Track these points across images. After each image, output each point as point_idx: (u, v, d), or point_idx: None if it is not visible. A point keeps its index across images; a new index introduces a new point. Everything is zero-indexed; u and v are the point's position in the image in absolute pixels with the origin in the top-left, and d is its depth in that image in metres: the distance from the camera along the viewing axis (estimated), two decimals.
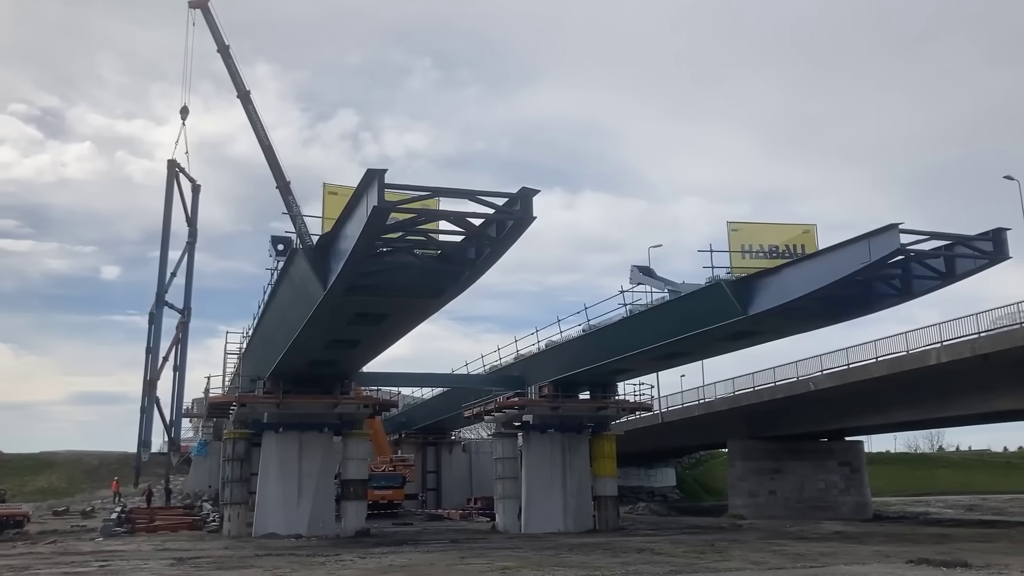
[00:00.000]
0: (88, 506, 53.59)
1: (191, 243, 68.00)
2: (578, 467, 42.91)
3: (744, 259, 28.55)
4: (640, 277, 32.26)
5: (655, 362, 37.90)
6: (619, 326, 34.59)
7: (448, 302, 25.07)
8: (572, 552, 28.30)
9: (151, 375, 59.80)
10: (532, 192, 18.76)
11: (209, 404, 39.74)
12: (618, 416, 44.97)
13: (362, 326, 27.63)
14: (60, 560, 27.28)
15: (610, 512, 43.32)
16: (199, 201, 68.43)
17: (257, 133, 61.58)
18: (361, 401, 39.81)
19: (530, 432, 42.57)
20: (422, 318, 27.61)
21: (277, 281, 28.67)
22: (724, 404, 51.19)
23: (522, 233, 19.66)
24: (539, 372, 42.47)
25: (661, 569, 21.27)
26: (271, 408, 37.71)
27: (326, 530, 37.75)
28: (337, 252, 22.91)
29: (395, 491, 54.41)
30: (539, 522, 40.84)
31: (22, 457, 65.56)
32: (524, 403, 42.21)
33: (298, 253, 24.88)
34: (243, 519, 38.63)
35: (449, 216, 19.15)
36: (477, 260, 21.70)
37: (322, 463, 38.90)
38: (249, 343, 39.05)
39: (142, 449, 59.45)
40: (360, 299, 24.26)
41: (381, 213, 17.95)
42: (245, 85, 62.07)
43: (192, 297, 66.84)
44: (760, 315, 27.57)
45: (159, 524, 42.67)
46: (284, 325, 30.58)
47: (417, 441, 66.61)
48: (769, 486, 52.27)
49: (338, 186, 23.58)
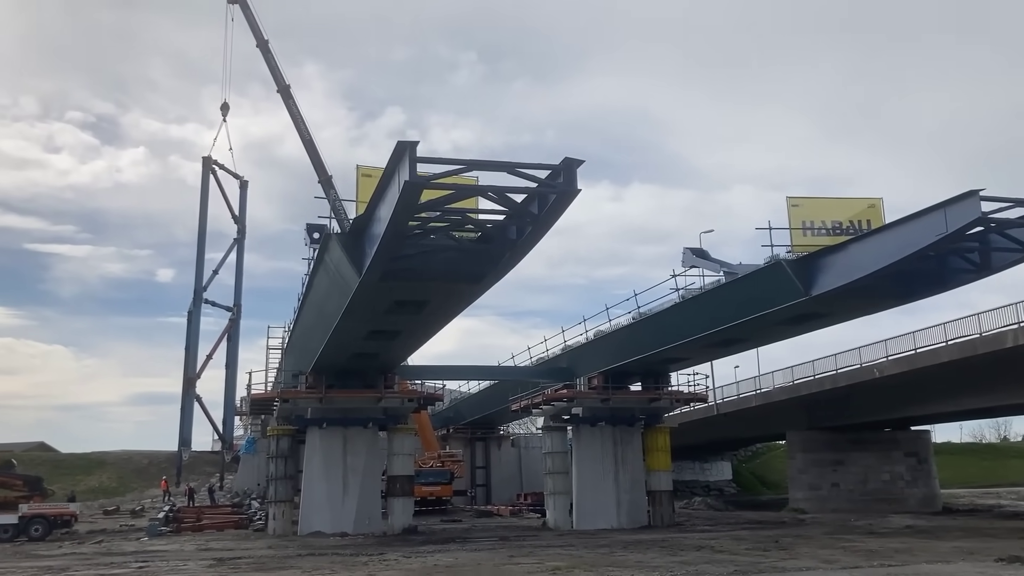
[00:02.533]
0: (138, 505, 53.56)
1: (239, 239, 68.10)
2: (631, 461, 41.34)
3: (805, 236, 26.77)
4: (693, 260, 30.56)
5: (710, 349, 36.11)
6: (672, 312, 32.96)
7: (489, 287, 23.72)
8: (627, 550, 26.83)
9: (190, 373, 59.69)
10: (576, 163, 17.31)
11: (251, 400, 39.05)
12: (671, 408, 43.28)
13: (401, 315, 26.46)
14: (100, 561, 26.70)
15: (665, 507, 41.68)
16: (247, 197, 68.66)
17: (298, 127, 61.29)
18: (405, 395, 38.77)
19: (580, 425, 41.13)
20: (463, 305, 26.32)
21: (313, 270, 27.67)
22: (783, 394, 49.08)
23: (566, 208, 18.22)
24: (588, 363, 40.99)
25: (724, 569, 19.70)
26: (314, 403, 36.86)
27: (372, 528, 36.83)
28: (371, 236, 21.74)
29: (443, 487, 53.35)
30: (591, 518, 39.42)
31: (75, 457, 65.95)
32: (573, 395, 40.76)
33: (332, 239, 23.76)
34: (288, 517, 37.87)
35: (487, 191, 17.78)
36: (518, 240, 20.30)
37: (367, 459, 37.96)
38: (290, 337, 38.27)
39: (182, 448, 59.44)
40: (397, 285, 23.06)
41: (413, 188, 16.68)
42: (285, 80, 61.90)
43: (243, 296, 67.14)
44: (824, 296, 25.73)
45: (205, 523, 42.25)
46: (322, 316, 29.59)
47: (465, 436, 65.49)
48: (831, 478, 50.08)
49: (372, 168, 22.35)
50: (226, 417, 66.58)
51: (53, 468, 60.50)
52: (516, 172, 17.24)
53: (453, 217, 19.92)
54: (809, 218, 26.83)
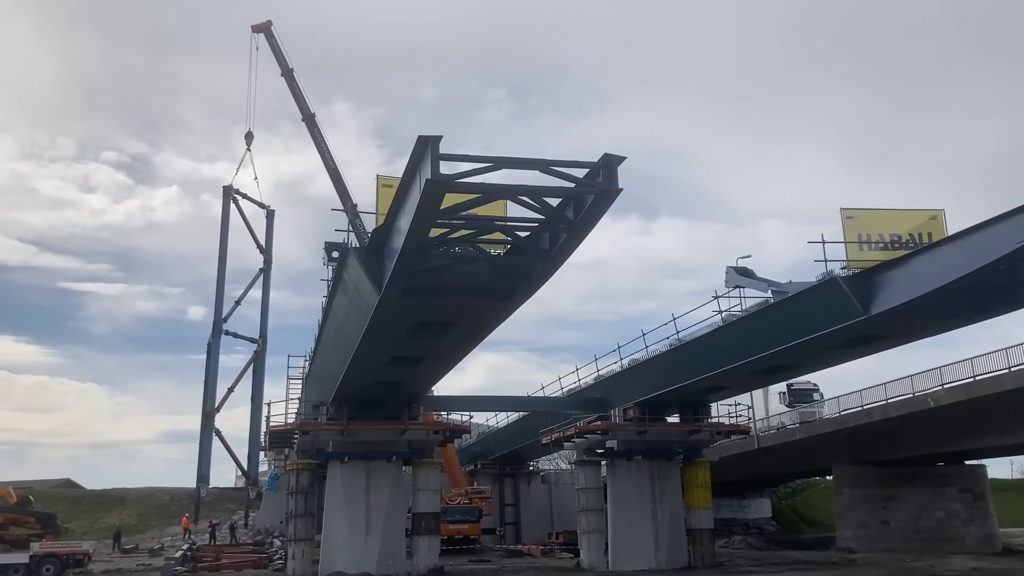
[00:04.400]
0: (157, 543, 51.86)
1: (265, 270, 67.13)
2: (669, 497, 39.04)
3: (861, 251, 24.70)
4: (737, 279, 28.53)
5: (754, 377, 33.86)
6: (713, 337, 30.87)
7: (519, 304, 21.83)
8: None
9: (208, 407, 58.28)
10: (617, 159, 15.53)
11: (270, 433, 37.37)
12: (712, 440, 40.92)
13: (425, 338, 24.64)
14: None
15: (706, 546, 39.27)
16: (273, 227, 67.81)
17: (323, 156, 60.60)
18: (431, 427, 36.84)
19: (615, 459, 38.95)
20: (491, 326, 24.43)
21: (332, 290, 26.04)
22: (829, 426, 46.47)
23: (605, 210, 16.38)
24: (623, 393, 38.88)
25: None
26: (335, 436, 35.04)
27: (397, 568, 34.83)
28: (390, 251, 20.07)
29: (471, 525, 51.11)
30: (628, 558, 37.19)
31: (95, 494, 64.58)
32: (608, 427, 38.63)
33: (350, 254, 22.10)
34: (308, 556, 35.97)
35: (519, 193, 16.01)
36: (551, 250, 18.47)
37: (391, 495, 35.99)
38: (311, 366, 36.63)
39: (200, 484, 57.88)
40: (419, 304, 21.30)
41: (436, 188, 14.98)
42: (310, 108, 61.34)
43: (272, 332, 66.03)
44: (884, 314, 23.56)
45: (224, 563, 40.47)
46: (342, 340, 27.90)
47: (493, 472, 63.24)
48: (881, 516, 47.21)
49: (393, 178, 20.72)
50: (251, 453, 65.12)
51: (72, 505, 59.24)
52: (550, 171, 15.48)
53: (480, 225, 18.14)
54: (865, 231, 24.78)
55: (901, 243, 24.71)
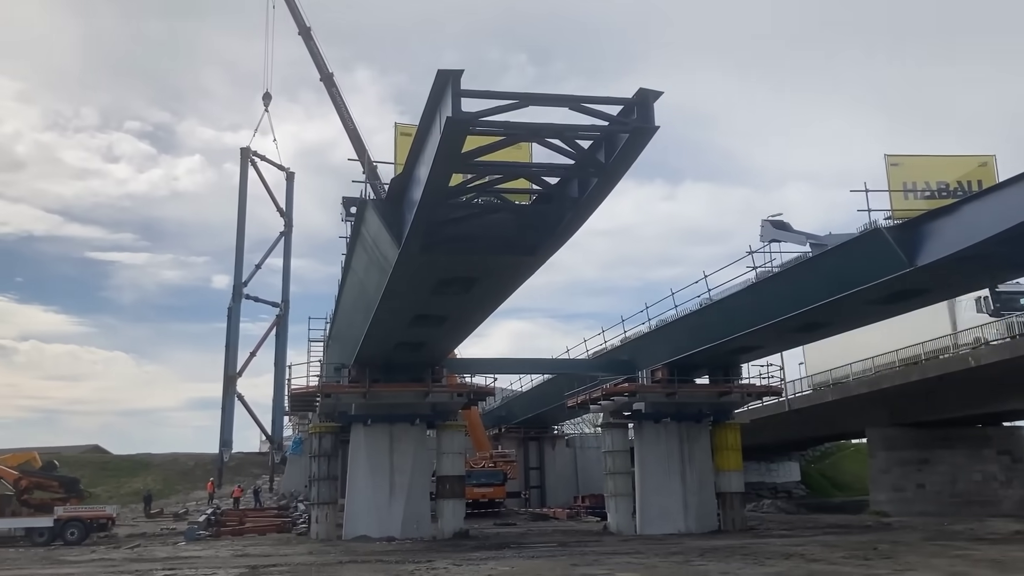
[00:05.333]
0: (182, 508, 51.88)
1: (285, 233, 66.47)
2: (698, 460, 38.10)
3: (907, 200, 23.37)
4: (773, 233, 27.28)
5: (788, 336, 32.61)
6: (746, 294, 29.74)
7: (546, 259, 20.75)
8: (705, 558, 23.73)
9: (230, 372, 57.95)
10: (653, 94, 14.35)
11: (291, 396, 36.77)
12: (743, 402, 39.96)
13: (447, 296, 23.69)
14: (126, 568, 24.53)
15: (736, 510, 38.36)
16: (293, 190, 66.99)
17: (341, 116, 59.56)
18: (454, 389, 36.03)
19: (643, 422, 38.00)
20: (516, 283, 23.38)
21: (350, 246, 25.13)
22: (862, 387, 45.25)
23: (640, 150, 15.22)
24: (651, 355, 37.86)
25: None
26: (357, 398, 34.36)
27: (421, 532, 34.24)
28: (410, 202, 19.04)
29: (496, 489, 50.61)
30: (656, 522, 36.36)
31: (121, 459, 64.79)
32: (635, 389, 37.64)
33: (368, 206, 21.10)
34: (332, 520, 35.47)
35: (546, 132, 14.86)
36: (581, 197, 17.36)
37: (415, 458, 35.35)
38: (331, 327, 35.87)
39: (223, 449, 57.79)
40: (441, 259, 20.29)
41: (458, 127, 13.91)
42: (328, 68, 60.15)
43: (295, 300, 65.46)
44: (932, 266, 22.28)
45: (248, 527, 40.20)
46: (363, 299, 27.04)
47: (518, 436, 62.77)
48: (916, 479, 46.01)
49: (411, 126, 19.62)
50: (275, 417, 64.83)
51: (99, 470, 59.40)
52: (581, 108, 14.32)
53: (505, 170, 17.04)
54: (911, 179, 23.43)
55: (949, 191, 23.37)
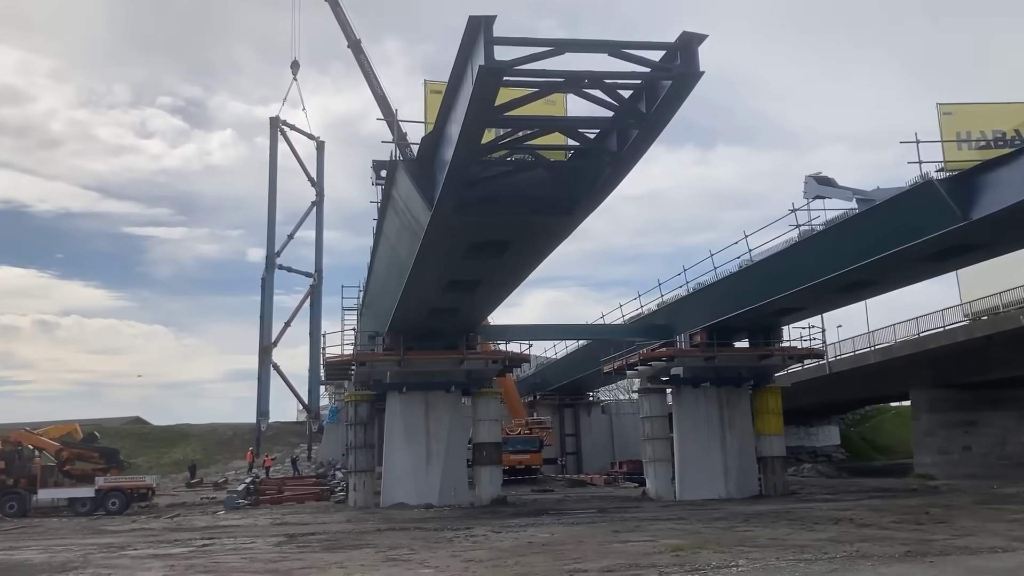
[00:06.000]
0: (221, 477, 52.35)
1: (317, 203, 66.31)
2: (738, 425, 37.42)
3: (960, 151, 22.26)
4: (817, 189, 26.28)
5: (832, 296, 31.62)
6: (788, 253, 28.81)
7: (582, 219, 20.03)
8: (749, 524, 23.16)
9: (265, 342, 58.14)
10: (697, 39, 13.52)
11: (326, 364, 36.60)
12: (784, 365, 39.12)
13: (481, 260, 23.10)
14: (166, 537, 24.54)
15: (778, 475, 37.72)
16: (324, 159, 66.73)
17: (370, 83, 58.75)
18: (489, 355, 35.69)
19: (681, 387, 37.37)
20: (552, 244, 22.68)
21: (381, 211, 24.56)
22: (907, 348, 44.11)
23: (684, 98, 14.39)
24: (689, 318, 37.08)
25: (890, 549, 15.87)
26: (392, 366, 34.12)
27: (459, 499, 34.10)
28: (441, 162, 18.41)
29: (532, 455, 50.36)
30: (696, 487, 35.80)
31: (160, 430, 65.53)
32: (673, 353, 36.96)
33: (398, 168, 20.47)
34: (370, 488, 35.44)
35: (585, 80, 14.06)
36: (621, 151, 16.60)
37: (451, 425, 35.12)
38: (365, 295, 35.54)
39: (260, 418, 58.14)
40: (474, 221, 19.67)
41: (491, 76, 13.21)
42: (355, 34, 59.34)
43: (328, 272, 65.48)
44: (987, 220, 21.26)
45: (286, 495, 40.36)
46: (395, 265, 26.56)
47: (553, 403, 62.51)
48: (962, 441, 44.96)
49: (441, 83, 18.88)
50: (311, 386, 65.15)
51: (139, 441, 60.12)
52: (621, 54, 13.53)
53: (541, 124, 16.31)
54: (964, 128, 22.30)
55: (1006, 140, 22.20)
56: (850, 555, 15.16)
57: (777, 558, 15.06)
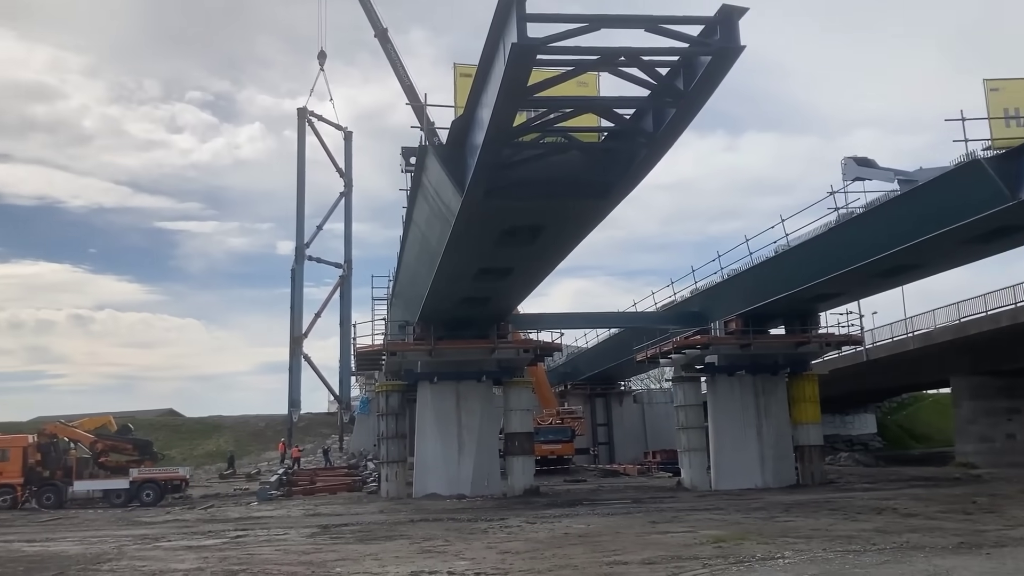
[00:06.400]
0: (254, 468, 52.55)
1: (345, 193, 66.30)
2: (774, 413, 36.78)
3: (1008, 128, 21.45)
4: (857, 171, 25.54)
5: (874, 280, 30.86)
6: (827, 237, 28.10)
7: (617, 202, 19.57)
8: (790, 514, 22.63)
9: (295, 333, 58.26)
10: (738, 12, 12.99)
11: (357, 354, 36.47)
12: (821, 352, 38.41)
13: (513, 247, 22.74)
14: (199, 528, 24.47)
15: (815, 464, 37.12)
16: (352, 149, 66.72)
17: (397, 73, 58.62)
18: (520, 345, 35.34)
19: (716, 375, 36.84)
20: (585, 229, 22.24)
21: (411, 198, 24.24)
22: (947, 334, 43.09)
23: (724, 75, 13.86)
24: (724, 305, 36.50)
25: (942, 540, 15.31)
26: (422, 356, 33.89)
27: (491, 489, 33.84)
28: (471, 146, 18.04)
29: (564, 445, 49.96)
30: (732, 477, 35.28)
31: (193, 422, 66.04)
32: (708, 341, 36.42)
33: (428, 153, 20.10)
34: (402, 479, 35.29)
35: (620, 57, 13.57)
36: (657, 131, 16.11)
37: (482, 415, 34.85)
38: (395, 284, 35.31)
39: (292, 409, 58.29)
40: (505, 205, 19.30)
41: (524, 54, 12.80)
42: (382, 23, 59.17)
43: (357, 264, 65.58)
44: None
45: (319, 486, 40.36)
46: (425, 253, 26.26)
47: (584, 392, 62.03)
48: (1006, 429, 43.93)
49: (471, 66, 18.47)
50: (342, 377, 65.32)
51: (172, 432, 60.57)
52: (657, 29, 13.03)
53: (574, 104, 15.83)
54: (1013, 104, 21.49)
55: None
56: (900, 546, 14.62)
57: (824, 549, 14.56)
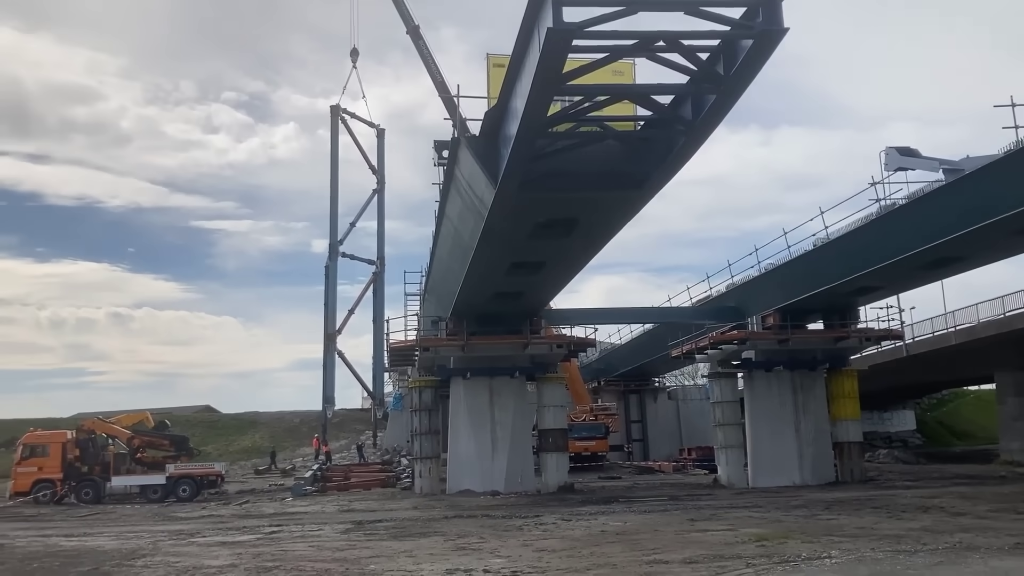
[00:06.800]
0: (289, 464, 52.79)
1: (378, 190, 66.34)
2: (813, 410, 36.11)
3: None
4: (899, 160, 24.84)
5: (917, 273, 30.05)
6: (868, 229, 27.43)
7: (655, 193, 19.14)
8: (832, 512, 22.10)
9: (330, 329, 58.42)
10: None
11: (390, 350, 36.38)
12: (860, 348, 37.63)
13: (546, 240, 22.41)
14: (234, 524, 24.50)
15: (855, 461, 36.40)
16: (384, 147, 66.70)
17: (429, 69, 58.28)
18: (553, 340, 34.95)
19: (753, 371, 36.21)
20: (621, 221, 21.81)
21: (443, 192, 24.02)
22: (991, 329, 42.00)
23: (766, 59, 13.38)
24: (761, 300, 35.89)
25: (996, 540, 14.76)
26: (455, 351, 33.70)
27: (525, 486, 33.58)
28: (505, 137, 17.73)
29: (598, 442, 49.58)
30: (770, 474, 34.71)
31: (229, 418, 66.62)
32: (745, 336, 35.80)
33: (460, 145, 19.82)
34: (436, 475, 35.12)
35: (659, 39, 13.11)
36: (696, 119, 15.67)
37: (515, 412, 34.56)
38: (427, 280, 35.15)
39: (326, 405, 58.45)
40: (539, 197, 18.94)
41: (560, 39, 12.45)
42: (414, 20, 58.96)
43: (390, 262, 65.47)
44: None
45: (353, 482, 40.36)
46: (458, 247, 26.02)
47: (617, 389, 61.54)
48: None
49: (504, 56, 18.19)
50: (375, 374, 65.35)
51: (208, 428, 61.15)
52: (697, 12, 12.60)
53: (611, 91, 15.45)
54: None
55: None
56: (953, 547, 14.10)
57: (872, 549, 14.09)
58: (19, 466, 36.31)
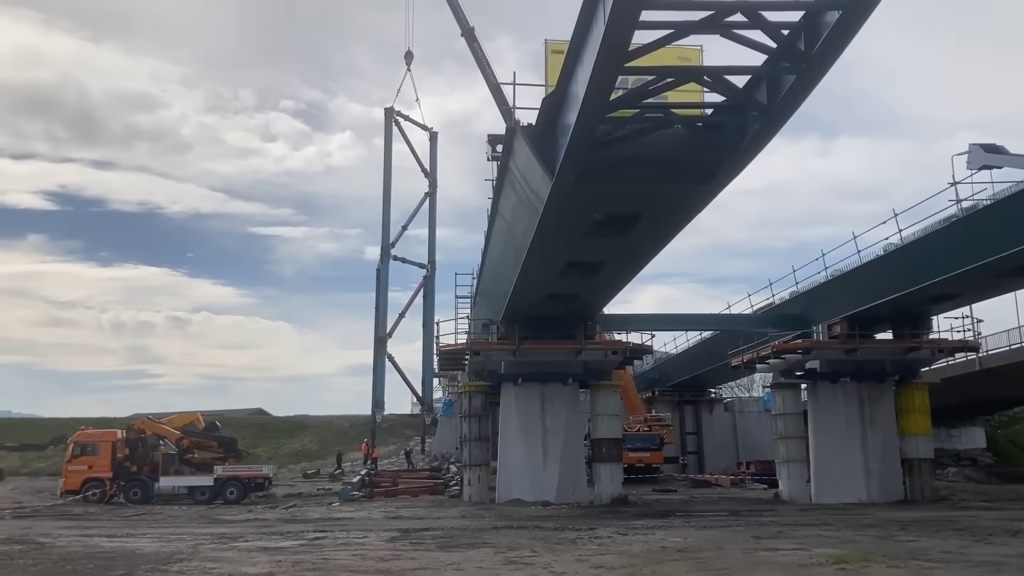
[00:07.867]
0: (337, 468, 52.27)
1: (430, 193, 66.01)
2: (880, 424, 34.39)
3: None
4: (985, 158, 23.19)
5: (1000, 280, 28.24)
6: (948, 232, 25.82)
7: (724, 186, 17.87)
8: (908, 532, 20.54)
9: (380, 333, 57.96)
10: None
11: (440, 353, 35.59)
12: (932, 359, 35.66)
13: (604, 238, 21.30)
14: (278, 529, 23.83)
15: (925, 478, 34.49)
16: (437, 150, 66.39)
17: (483, 71, 57.89)
18: (608, 346, 33.79)
19: (818, 382, 34.62)
20: (685, 218, 20.58)
21: (497, 188, 23.10)
22: None
23: (853, 36, 12.15)
24: (827, 308, 34.23)
25: None
26: (507, 356, 32.74)
27: (577, 496, 32.49)
28: (563, 126, 16.71)
29: (652, 453, 48.08)
30: (834, 490, 33.11)
31: (279, 421, 66.47)
32: (810, 346, 34.18)
33: (516, 135, 18.81)
34: (485, 483, 34.19)
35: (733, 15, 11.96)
36: (772, 103, 14.45)
37: (568, 420, 33.47)
38: (479, 282, 34.27)
39: (375, 410, 57.97)
40: (599, 190, 17.84)
41: (628, 11, 11.40)
42: (468, 22, 58.60)
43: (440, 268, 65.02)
44: None
45: (401, 488, 39.64)
46: (511, 246, 25.06)
47: (672, 399, 59.79)
48: None
49: (563, 42, 17.16)
50: (425, 378, 64.84)
51: (259, 431, 60.96)
52: None
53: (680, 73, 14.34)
54: None
55: None
56: None
57: None
58: (70, 464, 36.34)
